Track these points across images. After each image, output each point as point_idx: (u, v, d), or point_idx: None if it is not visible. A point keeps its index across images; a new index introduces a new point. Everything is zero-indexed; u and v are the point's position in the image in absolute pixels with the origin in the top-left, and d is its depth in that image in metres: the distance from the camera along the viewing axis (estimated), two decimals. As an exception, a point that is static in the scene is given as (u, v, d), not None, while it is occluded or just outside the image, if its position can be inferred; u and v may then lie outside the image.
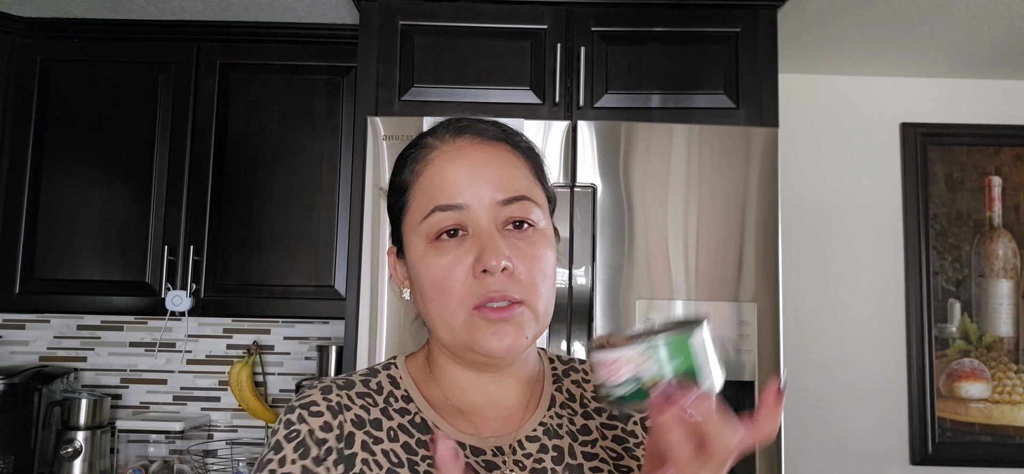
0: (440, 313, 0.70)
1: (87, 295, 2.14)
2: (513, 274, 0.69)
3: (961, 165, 2.52)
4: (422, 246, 0.71)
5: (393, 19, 1.89)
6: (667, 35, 1.92)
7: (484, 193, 0.70)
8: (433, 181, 0.71)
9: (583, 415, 0.78)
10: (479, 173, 0.71)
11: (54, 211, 2.16)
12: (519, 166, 0.73)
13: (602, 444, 0.76)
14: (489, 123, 0.75)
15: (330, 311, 2.13)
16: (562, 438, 0.75)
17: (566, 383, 0.81)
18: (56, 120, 2.19)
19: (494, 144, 0.73)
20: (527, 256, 0.70)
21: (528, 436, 0.74)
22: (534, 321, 0.71)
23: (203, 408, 2.42)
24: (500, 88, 1.90)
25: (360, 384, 0.75)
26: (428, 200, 0.71)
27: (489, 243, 0.68)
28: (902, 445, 2.46)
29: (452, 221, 0.69)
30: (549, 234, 0.74)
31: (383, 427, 0.72)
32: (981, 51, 2.32)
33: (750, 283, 1.69)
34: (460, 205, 0.70)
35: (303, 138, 2.18)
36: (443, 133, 0.74)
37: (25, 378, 2.15)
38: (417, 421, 0.73)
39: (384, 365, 0.79)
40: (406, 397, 0.75)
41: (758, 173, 1.72)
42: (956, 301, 2.48)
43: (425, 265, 0.71)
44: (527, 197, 0.72)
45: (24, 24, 2.19)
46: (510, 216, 0.70)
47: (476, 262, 0.68)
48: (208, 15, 2.18)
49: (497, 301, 0.68)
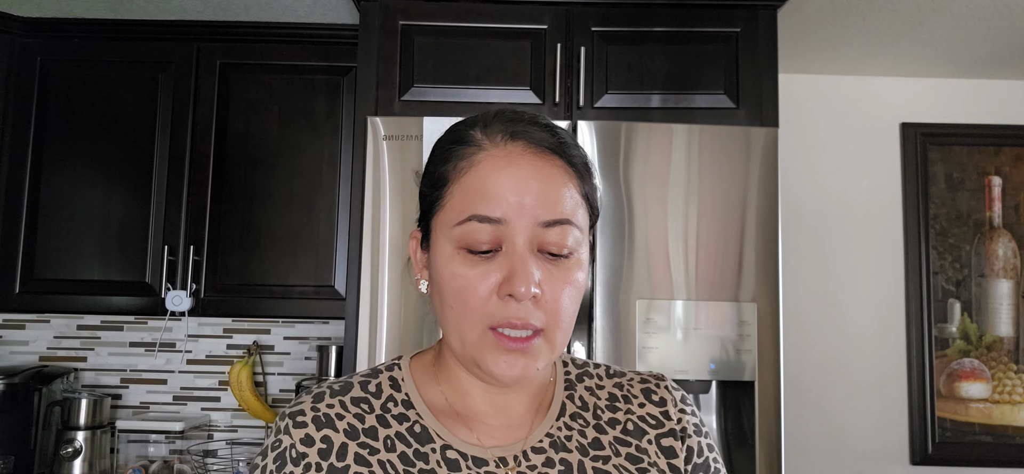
0: (456, 323, 0.67)
1: (87, 295, 2.14)
2: (539, 301, 0.65)
3: (961, 165, 2.52)
4: (450, 250, 0.67)
5: (393, 19, 1.89)
6: (667, 35, 1.91)
7: (527, 211, 0.65)
8: (474, 186, 0.66)
9: (595, 427, 0.74)
10: (526, 188, 0.65)
11: (54, 211, 2.16)
12: (569, 184, 0.68)
13: (615, 461, 0.71)
14: (544, 129, 0.69)
15: (330, 311, 2.13)
16: (571, 452, 0.71)
17: (579, 389, 0.77)
18: (56, 120, 2.19)
19: (546, 156, 0.68)
20: (557, 283, 0.66)
21: (534, 447, 0.71)
22: (549, 351, 0.67)
23: (203, 408, 2.42)
24: (500, 88, 1.90)
25: (358, 387, 0.73)
26: (466, 205, 0.66)
27: (521, 268, 0.64)
28: (902, 445, 2.46)
29: (487, 236, 0.65)
30: (584, 256, 0.69)
31: (379, 436, 0.69)
32: (981, 51, 2.32)
33: (750, 283, 1.69)
34: (499, 219, 0.65)
35: (303, 138, 2.18)
36: (495, 133, 0.68)
37: (25, 378, 2.15)
38: (416, 429, 0.70)
39: (388, 365, 0.76)
40: (406, 402, 0.72)
41: (758, 173, 1.72)
42: (956, 301, 2.48)
43: (450, 272, 0.67)
44: (570, 221, 0.67)
45: (24, 24, 2.19)
46: (548, 241, 0.66)
47: (504, 283, 0.64)
48: (208, 15, 2.18)
49: (517, 329, 0.65)
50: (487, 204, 0.65)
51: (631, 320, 1.67)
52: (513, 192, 0.65)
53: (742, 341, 1.67)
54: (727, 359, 1.67)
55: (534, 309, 0.65)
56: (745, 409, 1.69)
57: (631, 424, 0.74)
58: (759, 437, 1.66)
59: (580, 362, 0.80)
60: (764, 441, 1.66)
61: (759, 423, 1.66)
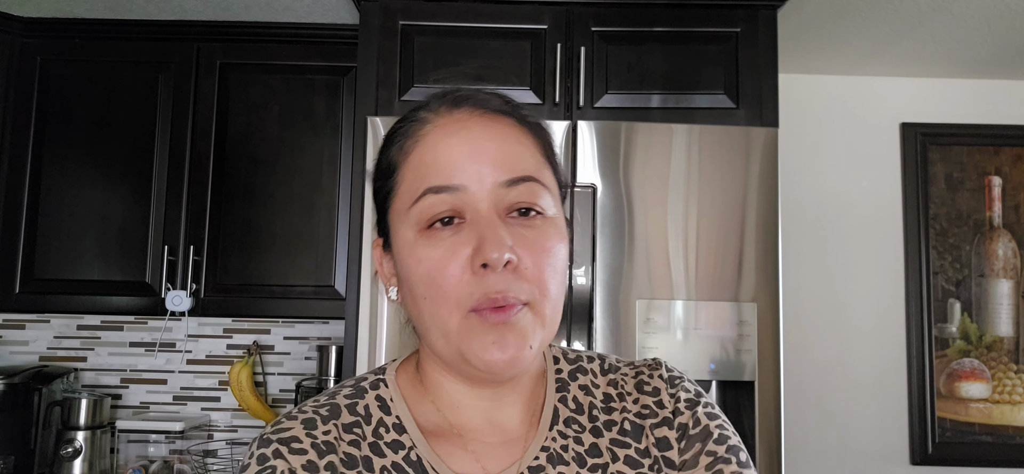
0: (433, 315, 0.61)
1: (87, 295, 2.14)
2: (518, 269, 0.59)
3: (961, 165, 2.52)
4: (412, 235, 0.61)
5: (393, 19, 1.89)
6: (667, 35, 1.91)
7: (485, 173, 0.60)
8: (425, 159, 0.61)
9: (592, 431, 0.67)
10: (480, 150, 0.60)
11: (54, 211, 2.16)
12: (526, 143, 0.63)
13: (613, 468, 0.65)
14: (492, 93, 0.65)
15: (330, 311, 2.13)
16: (568, 465, 0.64)
17: (573, 390, 0.70)
18: (56, 120, 2.18)
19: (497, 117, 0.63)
20: (535, 248, 0.60)
21: (531, 466, 0.64)
22: (540, 327, 0.60)
23: (203, 408, 2.42)
24: (500, 88, 1.89)
25: (346, 411, 0.65)
26: (419, 181, 0.61)
27: (490, 232, 0.58)
28: (902, 445, 2.46)
29: (446, 205, 0.60)
30: (560, 223, 0.63)
31: (375, 466, 0.62)
32: (981, 51, 2.32)
33: (750, 283, 1.69)
34: (456, 187, 0.59)
35: (303, 138, 2.18)
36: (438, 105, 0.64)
37: (25, 378, 2.15)
38: (413, 459, 0.63)
39: (372, 382, 0.69)
40: (398, 426, 0.65)
41: (758, 173, 1.72)
42: (956, 301, 2.48)
43: (415, 258, 0.61)
44: (535, 178, 0.62)
45: (24, 24, 2.19)
46: (515, 200, 0.60)
47: (475, 254, 0.58)
48: (208, 15, 2.18)
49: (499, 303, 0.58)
50: (440, 174, 0.60)
51: (631, 320, 1.67)
52: (468, 156, 0.60)
53: (742, 341, 1.67)
54: (727, 359, 1.67)
55: (515, 280, 0.59)
56: (745, 409, 1.69)
57: (627, 423, 0.67)
58: (759, 437, 1.66)
59: (572, 356, 0.73)
60: (764, 441, 1.66)
61: (759, 423, 1.66)
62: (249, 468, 0.60)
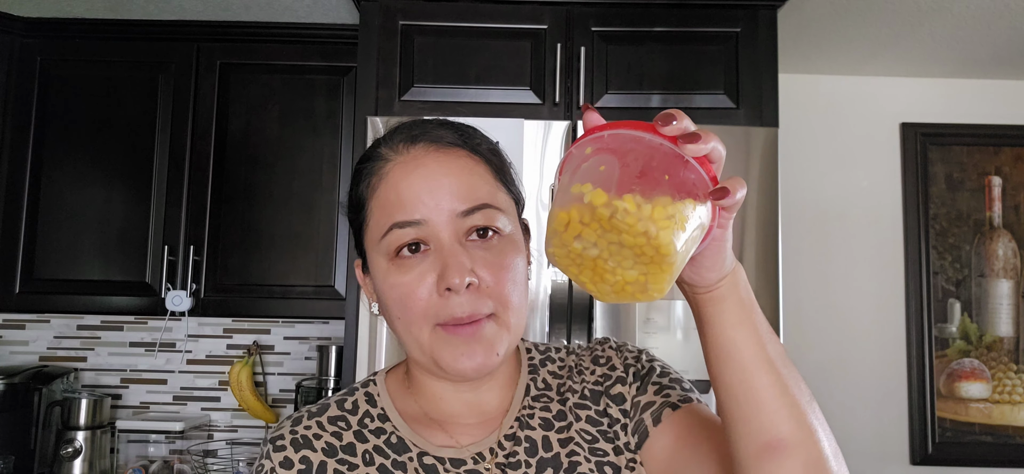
0: (406, 330, 0.69)
1: (87, 295, 2.14)
2: (479, 288, 0.66)
3: (961, 165, 2.52)
4: (384, 264, 0.69)
5: (393, 19, 1.89)
6: (667, 35, 1.92)
7: (443, 205, 0.67)
8: (389, 196, 0.68)
9: (559, 400, 0.75)
10: (436, 184, 0.67)
11: (54, 211, 2.16)
12: (479, 172, 0.70)
13: (577, 427, 0.73)
14: (444, 127, 0.72)
15: (330, 311, 2.13)
16: (535, 429, 0.73)
17: (542, 373, 0.78)
18: (56, 120, 2.18)
19: (450, 150, 0.70)
20: (494, 266, 0.67)
21: (506, 435, 0.72)
22: (506, 333, 0.68)
23: (203, 408, 2.42)
24: (500, 88, 1.90)
25: (335, 406, 0.74)
26: (385, 217, 0.68)
27: (452, 260, 0.65)
28: (902, 445, 2.46)
29: (410, 237, 0.67)
30: (517, 238, 0.71)
31: (357, 451, 0.71)
32: (981, 51, 2.32)
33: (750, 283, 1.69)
34: (418, 221, 0.66)
35: (303, 138, 2.18)
36: (397, 142, 0.71)
37: (25, 378, 2.15)
38: (393, 441, 0.71)
39: (364, 383, 0.78)
40: (382, 415, 0.73)
41: (758, 173, 1.72)
42: (956, 301, 2.48)
43: (388, 284, 0.68)
44: (490, 205, 0.68)
45: (24, 24, 2.19)
46: (473, 226, 0.67)
47: (439, 279, 0.66)
48: (208, 15, 2.18)
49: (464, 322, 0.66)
50: (403, 209, 0.67)
51: (631, 320, 1.67)
52: (426, 191, 0.67)
53: (742, 341, 1.67)
54: (727, 359, 1.67)
55: (478, 298, 0.66)
56: (745, 409, 1.69)
57: (587, 391, 0.75)
58: (759, 437, 1.65)
59: (542, 347, 0.82)
60: (764, 441, 1.65)
61: (759, 423, 1.65)
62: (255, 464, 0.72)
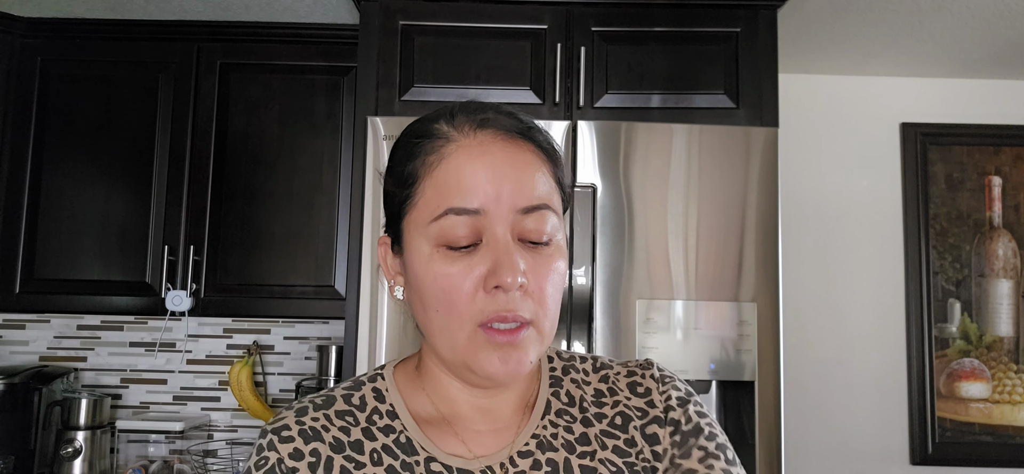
0: (444, 326, 0.65)
1: (87, 295, 2.14)
2: (526, 291, 0.63)
3: (961, 165, 2.52)
4: (428, 249, 0.64)
5: (393, 19, 1.89)
6: (667, 35, 1.91)
7: (504, 199, 0.63)
8: (448, 179, 0.64)
9: (582, 422, 0.71)
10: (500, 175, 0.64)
11: (54, 211, 2.16)
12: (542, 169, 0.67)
13: (602, 455, 0.69)
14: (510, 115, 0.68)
15: (330, 311, 2.13)
16: (557, 451, 0.69)
17: (565, 384, 0.74)
18: (56, 120, 2.19)
19: (516, 141, 0.66)
20: (541, 271, 0.64)
21: (520, 451, 0.68)
22: (540, 342, 0.65)
23: (203, 408, 2.42)
24: (500, 88, 1.89)
25: (342, 400, 0.70)
26: (441, 199, 0.64)
27: (506, 258, 0.62)
28: (902, 445, 2.46)
29: (467, 227, 0.63)
30: (563, 243, 0.68)
31: (365, 449, 0.67)
32: (981, 51, 2.32)
33: (750, 283, 1.69)
34: (477, 210, 0.63)
35: (303, 138, 2.18)
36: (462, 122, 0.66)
37: (25, 378, 2.15)
38: (402, 441, 0.68)
39: (371, 376, 0.74)
40: (391, 413, 0.70)
41: (758, 173, 1.72)
42: (956, 301, 2.48)
43: (431, 273, 0.64)
44: (548, 206, 0.65)
45: (24, 24, 2.19)
46: (528, 228, 0.64)
47: (490, 275, 0.62)
48: (208, 15, 2.18)
49: (507, 322, 0.63)
50: (463, 195, 0.63)
51: (631, 320, 1.67)
52: (489, 181, 0.63)
53: (742, 341, 1.67)
54: (727, 359, 1.67)
55: (522, 300, 0.63)
56: (745, 409, 1.69)
57: (618, 418, 0.72)
58: (759, 437, 1.66)
59: (566, 355, 0.78)
60: (764, 441, 1.66)
61: (759, 423, 1.66)
62: (251, 459, 0.66)
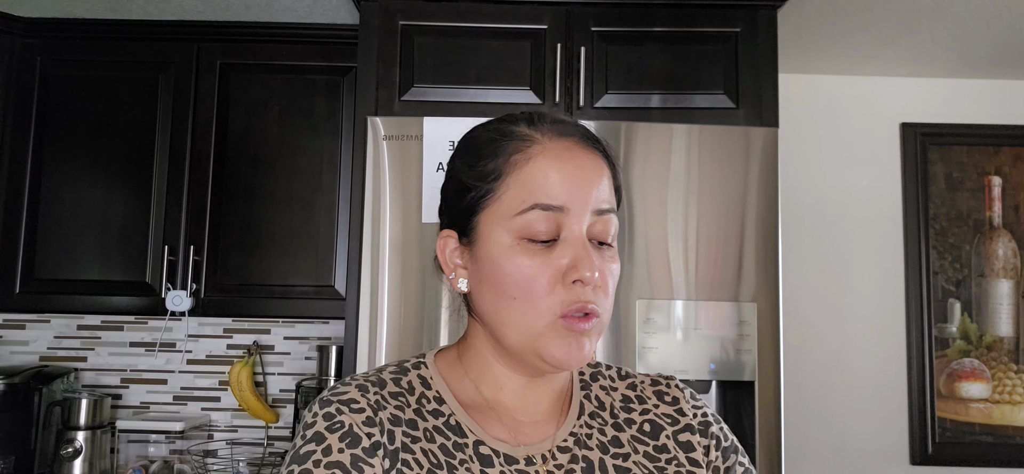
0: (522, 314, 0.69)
1: (87, 295, 2.14)
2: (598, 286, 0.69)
3: (961, 165, 2.52)
4: (509, 241, 0.69)
5: (393, 19, 1.89)
6: (667, 35, 1.91)
7: (585, 200, 0.69)
8: (535, 176, 0.69)
9: (614, 426, 0.77)
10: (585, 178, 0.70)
11: (54, 211, 2.16)
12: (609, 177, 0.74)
13: (634, 458, 0.74)
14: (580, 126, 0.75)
15: (330, 311, 2.13)
16: (593, 450, 0.74)
17: (594, 389, 0.80)
18: (56, 120, 2.19)
19: (593, 151, 0.73)
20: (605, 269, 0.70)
21: (560, 446, 0.73)
22: (600, 334, 0.71)
23: (203, 408, 2.42)
24: (500, 88, 1.90)
25: (392, 383, 0.74)
26: (527, 195, 0.69)
27: (586, 254, 0.68)
28: (902, 445, 2.46)
29: (548, 223, 0.68)
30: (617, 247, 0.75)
31: (418, 427, 0.71)
32: (981, 51, 2.32)
33: (750, 283, 1.69)
34: (561, 207, 0.68)
35: (303, 138, 2.18)
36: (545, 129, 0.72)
37: (25, 378, 2.15)
38: (452, 423, 0.72)
39: (414, 364, 0.77)
40: (438, 398, 0.74)
41: (758, 173, 1.72)
42: (956, 301, 2.48)
43: (513, 264, 0.69)
44: (615, 211, 0.73)
45: (24, 24, 2.19)
46: (598, 230, 0.70)
47: (571, 269, 0.68)
48: (208, 15, 2.18)
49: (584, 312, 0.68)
50: (548, 193, 0.68)
51: (631, 320, 1.67)
52: (573, 182, 0.69)
53: (742, 341, 1.67)
54: (727, 359, 1.67)
55: (595, 294, 0.69)
56: (745, 409, 1.69)
57: (647, 425, 0.77)
58: (759, 437, 1.66)
59: (592, 363, 0.82)
60: (764, 441, 1.66)
61: (759, 423, 1.66)
62: (316, 424, 0.68)
